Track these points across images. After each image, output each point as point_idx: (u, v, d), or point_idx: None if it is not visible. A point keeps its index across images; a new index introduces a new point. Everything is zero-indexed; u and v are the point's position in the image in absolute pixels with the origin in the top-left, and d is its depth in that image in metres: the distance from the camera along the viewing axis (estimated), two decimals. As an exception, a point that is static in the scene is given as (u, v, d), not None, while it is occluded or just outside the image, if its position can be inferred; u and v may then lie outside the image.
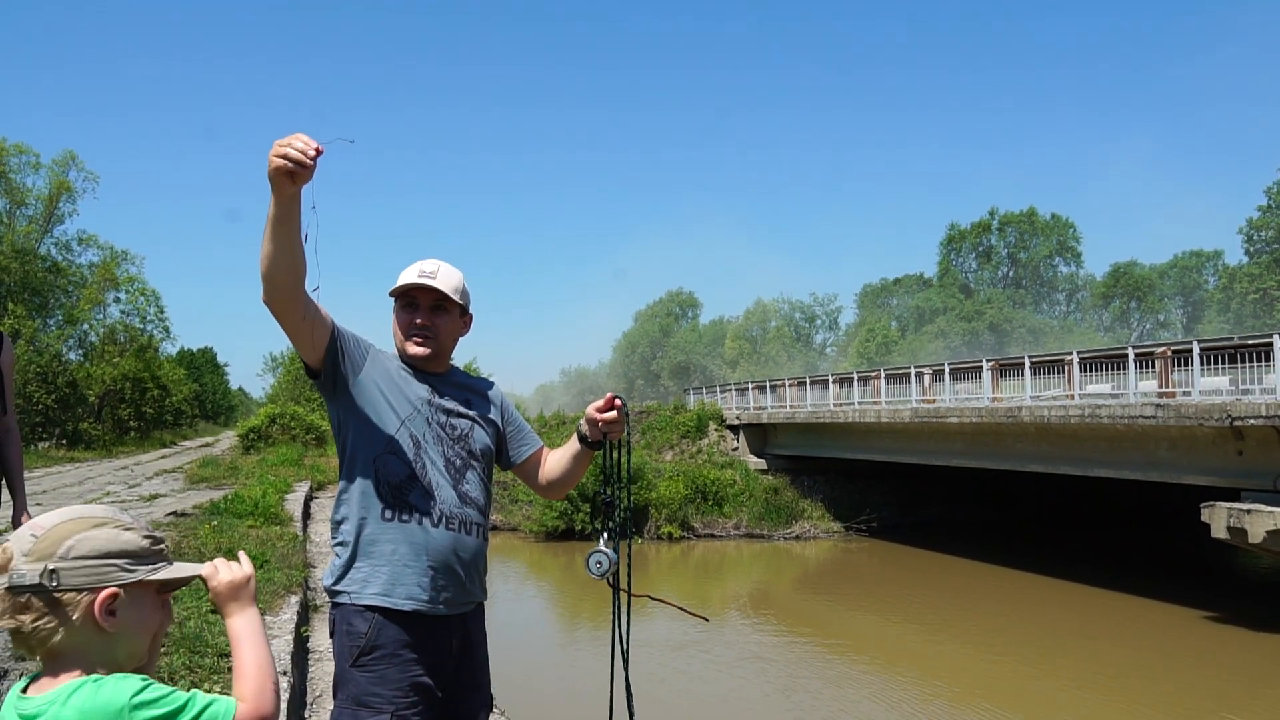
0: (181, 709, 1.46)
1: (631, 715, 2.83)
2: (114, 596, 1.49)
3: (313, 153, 2.16)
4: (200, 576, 1.64)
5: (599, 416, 2.68)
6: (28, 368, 30.24)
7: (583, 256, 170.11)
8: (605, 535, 2.82)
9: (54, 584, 1.45)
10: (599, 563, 2.75)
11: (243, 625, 1.67)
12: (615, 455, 2.83)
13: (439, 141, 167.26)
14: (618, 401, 2.69)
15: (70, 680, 1.46)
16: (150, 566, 1.54)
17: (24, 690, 1.50)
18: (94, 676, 1.47)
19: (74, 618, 1.47)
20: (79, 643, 1.48)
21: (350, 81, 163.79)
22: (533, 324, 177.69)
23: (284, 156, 2.15)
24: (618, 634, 2.85)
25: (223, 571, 1.68)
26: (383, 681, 2.46)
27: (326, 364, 2.58)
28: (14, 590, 1.46)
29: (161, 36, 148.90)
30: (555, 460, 2.87)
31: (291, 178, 2.18)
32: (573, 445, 2.80)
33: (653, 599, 3.16)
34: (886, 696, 12.15)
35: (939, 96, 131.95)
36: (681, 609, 3.33)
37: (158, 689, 1.47)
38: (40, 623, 1.46)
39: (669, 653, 13.17)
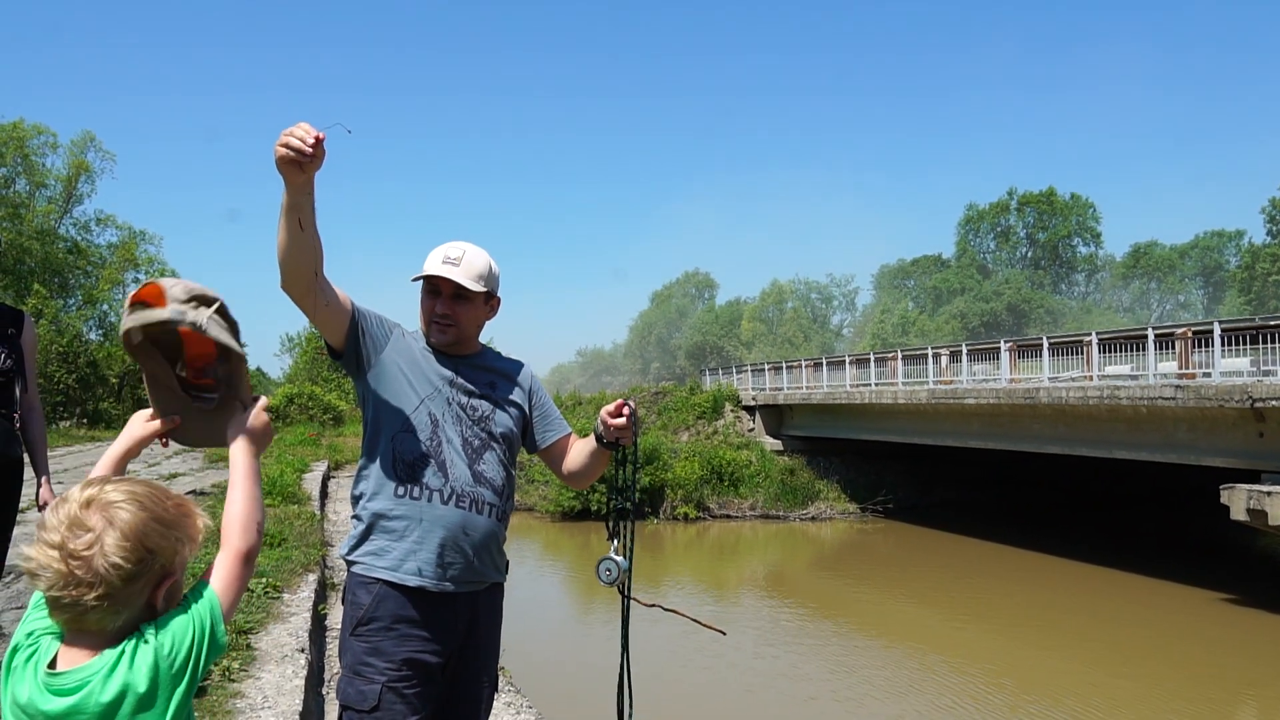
0: (201, 626, 1.51)
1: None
2: (173, 582, 1.51)
3: (313, 141, 2.15)
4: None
5: (610, 422, 2.68)
6: (49, 348, 30.50)
7: (598, 238, 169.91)
8: (615, 542, 2.80)
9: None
10: (608, 570, 2.75)
11: (250, 463, 1.79)
12: (625, 463, 2.82)
13: (456, 126, 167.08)
14: (626, 410, 2.68)
15: (106, 654, 1.44)
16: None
17: (51, 665, 1.46)
18: (130, 640, 1.45)
19: (138, 602, 1.46)
20: (128, 621, 1.47)
21: (367, 66, 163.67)
22: (548, 304, 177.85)
23: (286, 146, 2.16)
24: (626, 645, 2.84)
25: (263, 414, 1.85)
26: (377, 653, 2.49)
27: (348, 346, 2.62)
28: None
29: (179, 16, 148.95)
30: (576, 453, 2.88)
31: (299, 166, 2.19)
32: (591, 442, 2.80)
33: (664, 609, 3.12)
34: (906, 675, 12.16)
35: (958, 76, 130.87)
36: (695, 621, 3.26)
37: (166, 628, 1.48)
38: (103, 603, 1.41)
39: (693, 633, 13.18)
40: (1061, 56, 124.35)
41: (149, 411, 1.89)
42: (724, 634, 3.75)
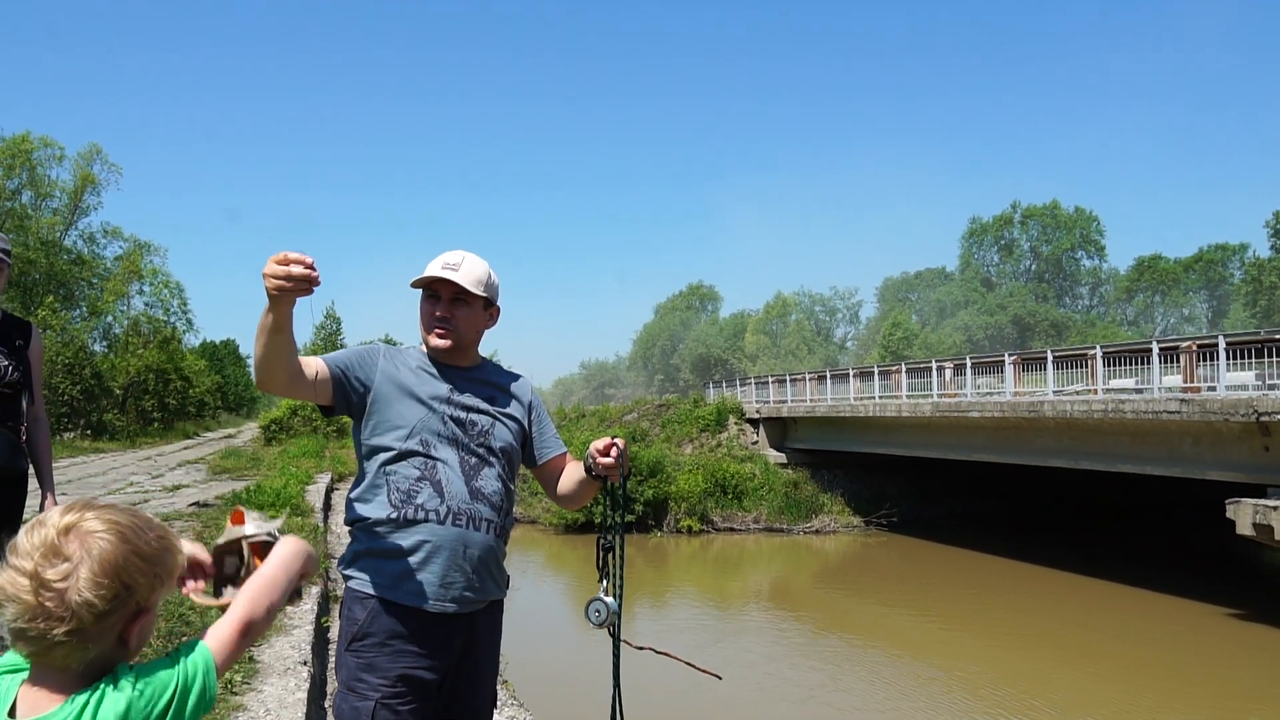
0: (184, 681, 1.42)
1: None
2: (148, 618, 1.43)
3: (309, 264, 2.15)
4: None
5: (600, 460, 2.65)
6: (55, 359, 30.56)
7: (601, 250, 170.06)
8: (605, 582, 2.77)
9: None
10: (598, 612, 2.72)
11: (292, 553, 1.74)
12: (614, 499, 2.79)
13: (455, 132, 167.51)
14: (614, 450, 2.65)
15: (73, 700, 1.35)
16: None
17: (11, 712, 1.38)
18: (97, 687, 1.36)
19: (109, 638, 1.38)
20: (99, 658, 1.38)
21: (374, 68, 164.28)
22: (551, 317, 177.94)
23: (287, 278, 2.14)
24: (618, 686, 2.82)
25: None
26: (371, 669, 2.47)
27: (337, 403, 2.62)
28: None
29: (187, 24, 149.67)
30: (567, 477, 2.85)
31: (292, 294, 2.19)
32: (581, 471, 2.76)
33: (656, 652, 3.07)
34: (910, 689, 12.11)
35: (960, 87, 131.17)
36: (689, 665, 3.20)
37: (148, 676, 1.39)
38: (72, 638, 1.33)
39: (694, 651, 13.18)
40: (1064, 68, 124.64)
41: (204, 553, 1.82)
42: (719, 678, 3.65)
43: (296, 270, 2.13)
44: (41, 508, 3.93)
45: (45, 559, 1.33)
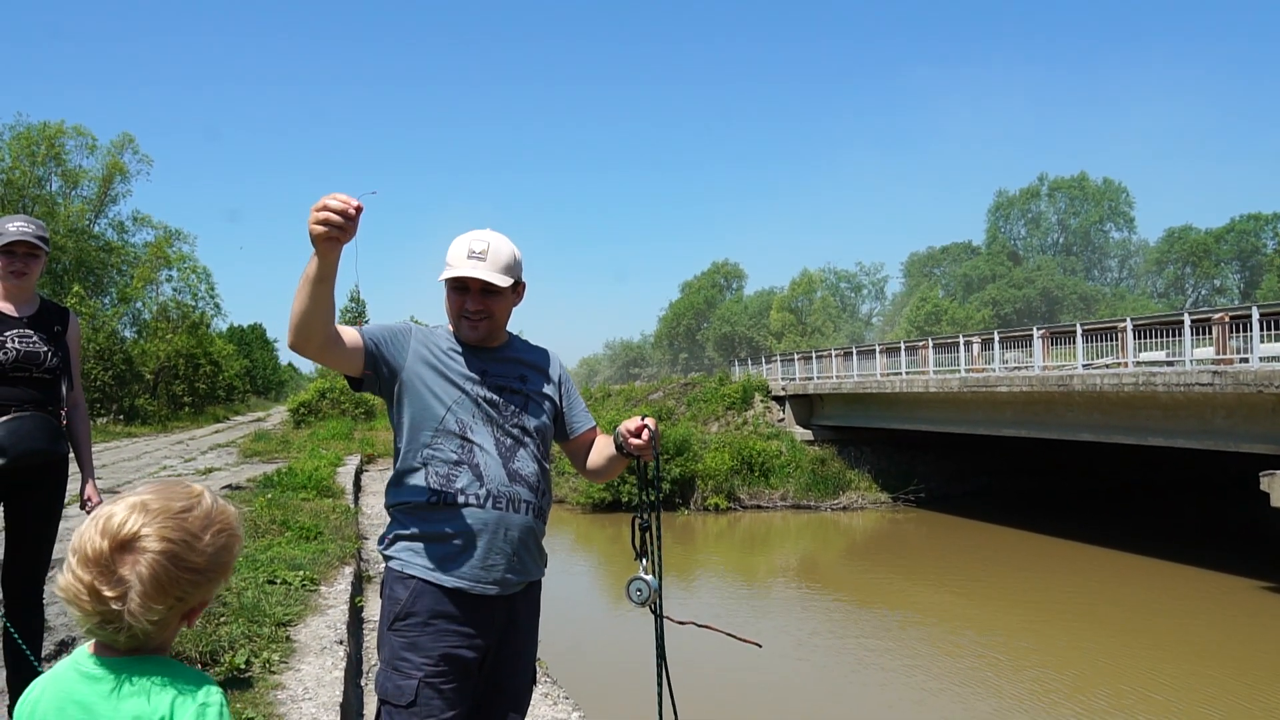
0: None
1: None
2: (203, 609, 1.48)
3: (354, 210, 2.13)
4: None
5: (631, 442, 2.66)
6: (87, 346, 30.92)
7: (627, 229, 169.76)
8: (644, 560, 2.77)
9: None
10: (639, 590, 2.73)
11: None
12: (649, 477, 2.78)
13: (492, 115, 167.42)
14: (645, 432, 2.64)
15: (145, 659, 1.43)
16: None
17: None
18: (193, 676, 1.45)
19: (168, 632, 1.44)
20: (165, 636, 1.45)
21: (402, 52, 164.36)
22: (577, 296, 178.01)
23: (325, 222, 2.13)
24: (663, 663, 2.83)
25: None
26: (414, 648, 2.50)
27: (367, 376, 2.60)
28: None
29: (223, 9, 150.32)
30: (597, 451, 2.85)
31: (338, 240, 2.17)
32: (611, 447, 2.76)
33: (698, 626, 3.09)
34: (944, 660, 12.12)
35: (985, 60, 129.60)
36: (730, 635, 3.22)
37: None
38: (134, 640, 1.40)
39: (729, 627, 13.19)
40: (1091, 36, 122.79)
41: None
42: (759, 646, 3.67)
43: (334, 204, 2.13)
44: (81, 492, 4.00)
45: (101, 576, 1.36)
